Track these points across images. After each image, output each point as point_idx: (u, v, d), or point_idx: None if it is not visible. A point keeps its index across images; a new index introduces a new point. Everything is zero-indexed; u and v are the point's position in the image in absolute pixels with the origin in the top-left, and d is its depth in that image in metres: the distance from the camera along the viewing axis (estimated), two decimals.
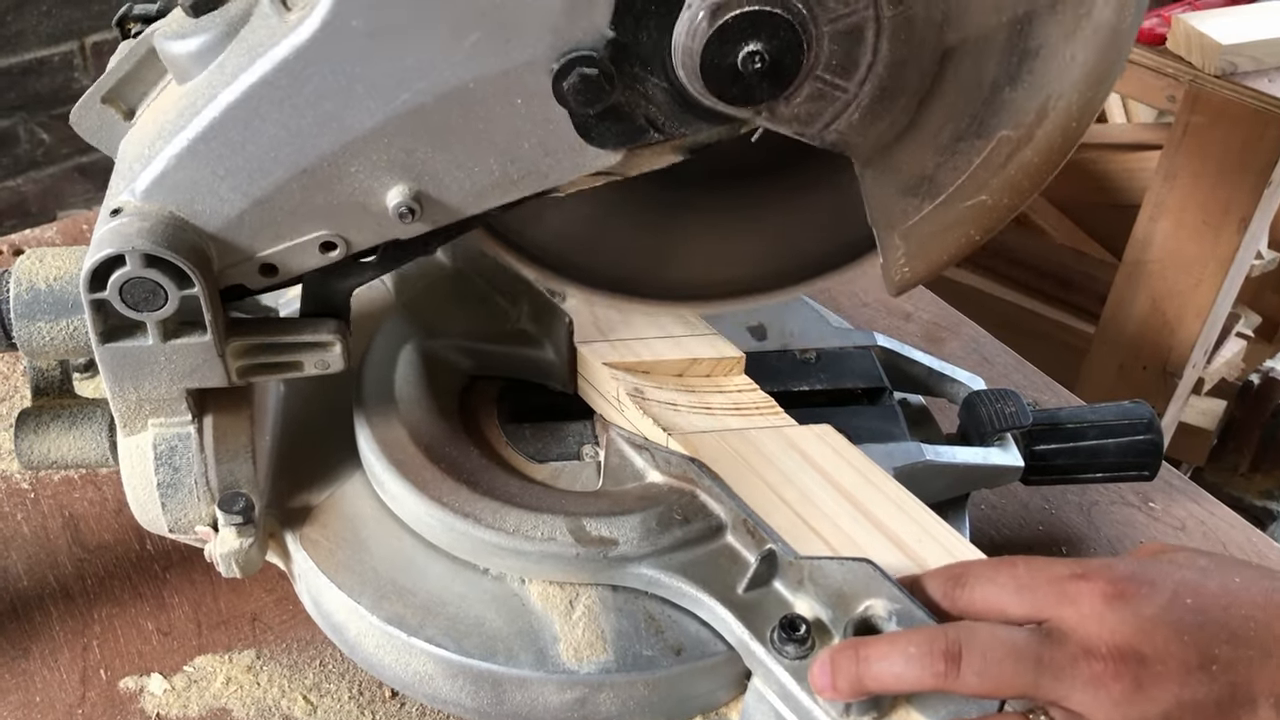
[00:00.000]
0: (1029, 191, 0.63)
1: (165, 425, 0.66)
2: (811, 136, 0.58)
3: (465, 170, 0.59)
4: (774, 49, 0.54)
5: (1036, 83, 0.58)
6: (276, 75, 0.56)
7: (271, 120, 0.57)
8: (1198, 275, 1.65)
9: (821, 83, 0.56)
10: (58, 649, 0.75)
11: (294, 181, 0.59)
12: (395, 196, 0.59)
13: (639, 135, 0.59)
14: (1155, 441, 0.82)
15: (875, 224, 0.63)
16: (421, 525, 0.69)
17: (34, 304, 0.64)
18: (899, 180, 0.62)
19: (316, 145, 0.57)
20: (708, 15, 0.53)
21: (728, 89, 0.55)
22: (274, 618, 0.78)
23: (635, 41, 0.55)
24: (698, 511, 0.68)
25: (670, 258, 0.77)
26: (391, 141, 0.58)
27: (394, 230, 0.61)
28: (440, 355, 0.78)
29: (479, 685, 0.65)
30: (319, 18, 0.54)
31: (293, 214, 0.60)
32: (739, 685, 0.66)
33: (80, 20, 2.10)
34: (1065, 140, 0.61)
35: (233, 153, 0.58)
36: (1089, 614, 0.54)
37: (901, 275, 0.65)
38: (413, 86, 0.56)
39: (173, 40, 0.62)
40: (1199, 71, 1.54)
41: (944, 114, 0.59)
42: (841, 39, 0.55)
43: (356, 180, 0.59)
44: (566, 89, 0.55)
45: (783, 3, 0.53)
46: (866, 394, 0.84)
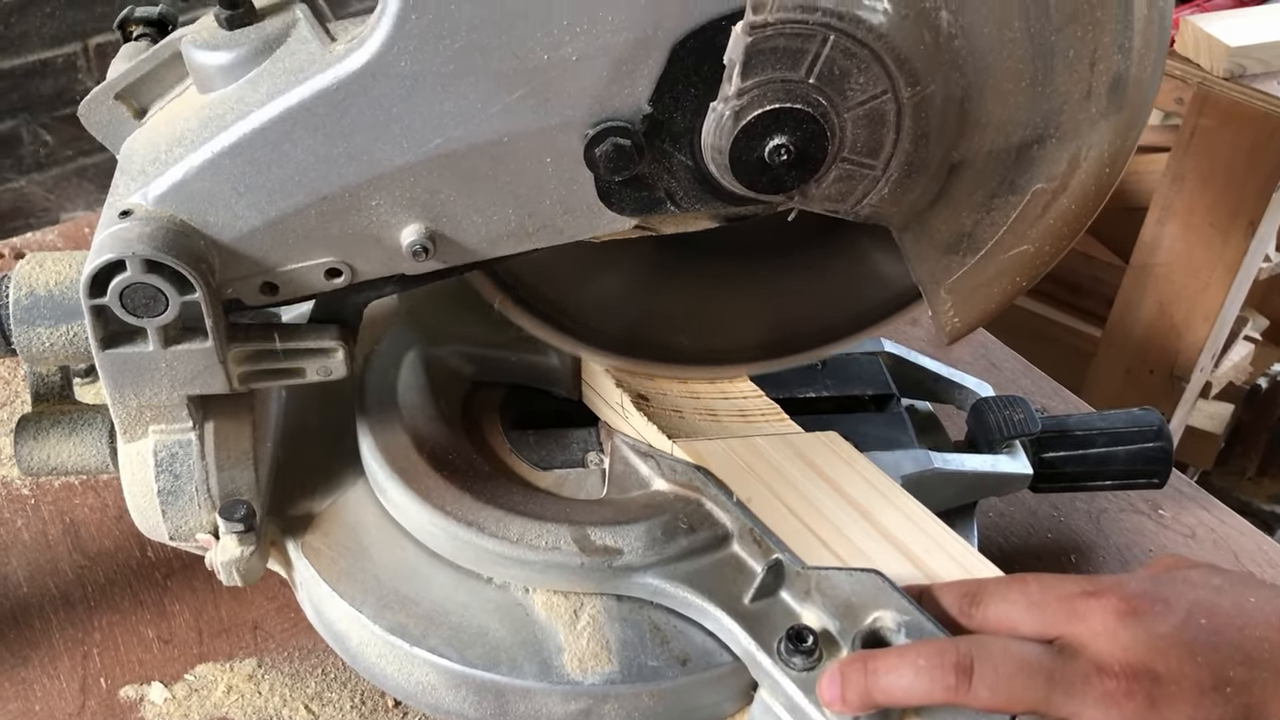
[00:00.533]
0: (1070, 237, 0.63)
1: (166, 432, 0.66)
2: (845, 213, 0.59)
3: (484, 216, 0.60)
4: (799, 141, 0.55)
5: (1064, 139, 0.58)
6: (315, 102, 0.56)
7: (302, 145, 0.57)
8: (1205, 279, 1.65)
9: (849, 164, 0.57)
10: (57, 657, 0.74)
11: (313, 207, 0.59)
12: (410, 234, 0.60)
13: (656, 206, 0.60)
14: (1165, 449, 0.81)
15: (920, 282, 0.64)
16: (424, 534, 0.68)
17: (34, 309, 0.63)
18: (938, 240, 0.62)
19: (343, 176, 0.58)
20: (732, 116, 0.54)
21: (758, 180, 0.57)
22: (276, 626, 0.77)
23: (669, 120, 0.57)
24: (703, 520, 0.67)
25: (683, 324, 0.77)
26: (417, 181, 0.58)
27: (402, 265, 0.62)
28: (443, 361, 0.77)
29: (482, 696, 0.64)
30: (368, 54, 0.54)
31: (305, 238, 0.60)
32: (745, 696, 0.65)
33: (84, 22, 2.10)
34: (1100, 187, 0.61)
35: (257, 171, 0.58)
36: (1101, 631, 0.53)
37: (953, 326, 0.66)
38: (448, 133, 0.56)
39: (203, 49, 0.61)
40: (1207, 74, 1.53)
41: (975, 178, 0.60)
42: (864, 124, 0.55)
43: (375, 214, 0.59)
44: (598, 155, 0.57)
45: (803, 97, 0.54)
46: (874, 401, 0.83)
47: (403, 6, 0.53)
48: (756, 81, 0.54)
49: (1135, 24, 0.56)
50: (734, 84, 0.54)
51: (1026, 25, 0.55)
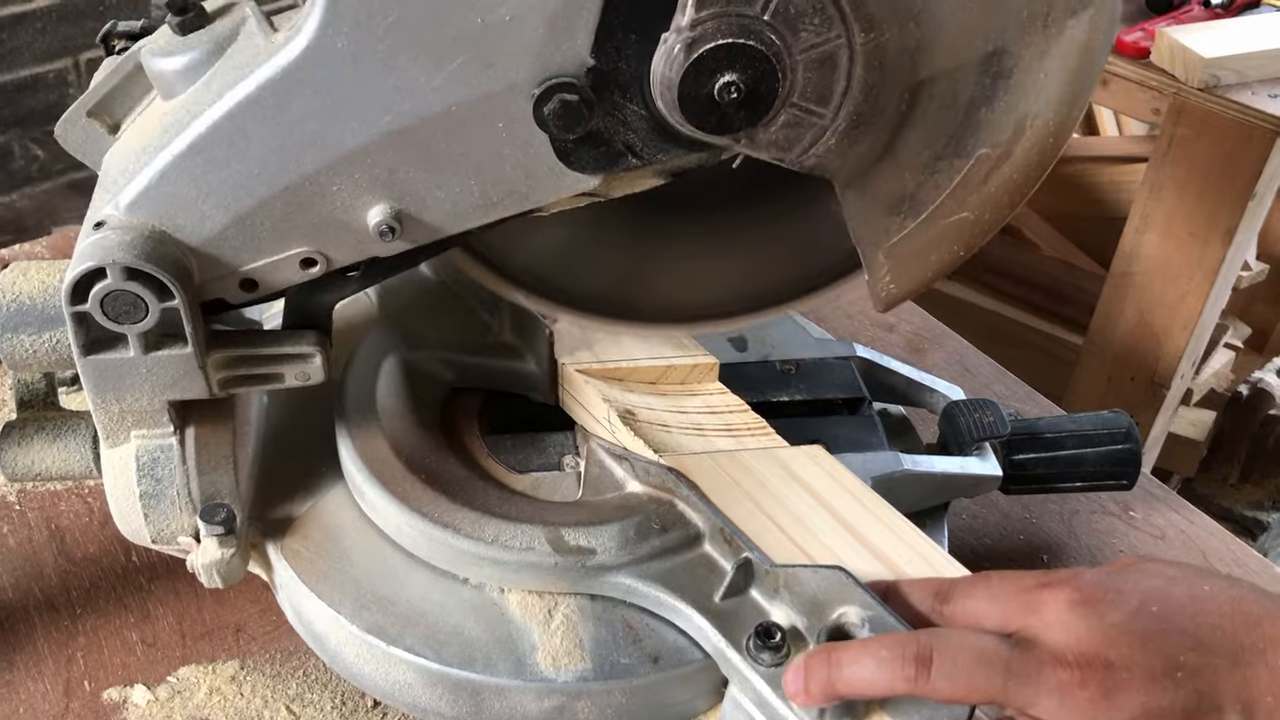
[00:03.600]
0: (1010, 207, 0.63)
1: (147, 437, 0.67)
2: (790, 162, 0.59)
3: (446, 191, 0.60)
4: (749, 79, 0.55)
5: (1012, 102, 0.59)
6: (262, 94, 0.57)
7: (256, 139, 0.58)
8: (1184, 286, 1.66)
9: (798, 110, 0.57)
10: (42, 660, 0.75)
11: (276, 199, 0.59)
12: (376, 215, 0.60)
13: (618, 160, 0.60)
14: (1134, 451, 0.83)
15: (859, 242, 0.64)
16: (402, 535, 0.69)
17: (17, 317, 0.64)
18: (881, 200, 0.62)
19: (300, 164, 0.58)
20: (684, 48, 0.54)
21: (705, 118, 0.56)
22: (258, 628, 0.78)
23: (615, 69, 0.57)
24: (676, 521, 0.68)
25: (650, 281, 0.78)
26: (374, 162, 0.58)
27: (374, 248, 0.62)
28: (422, 367, 0.78)
29: (458, 694, 0.65)
30: (305, 39, 0.55)
31: (274, 231, 0.61)
32: (716, 693, 0.66)
33: (74, 37, 2.12)
34: (1044, 156, 0.62)
35: (217, 169, 0.58)
36: (1054, 621, 0.55)
37: (888, 292, 0.66)
38: (396, 109, 0.57)
39: (159, 57, 0.63)
40: (1183, 84, 1.56)
41: (921, 136, 0.60)
42: (815, 68, 0.56)
43: (338, 199, 0.60)
44: (547, 114, 0.56)
45: (757, 35, 0.54)
46: (846, 404, 0.84)
47: None
48: (711, 13, 0.53)
49: None
50: (687, 14, 0.53)
51: None
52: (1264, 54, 1.56)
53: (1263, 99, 1.53)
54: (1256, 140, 1.52)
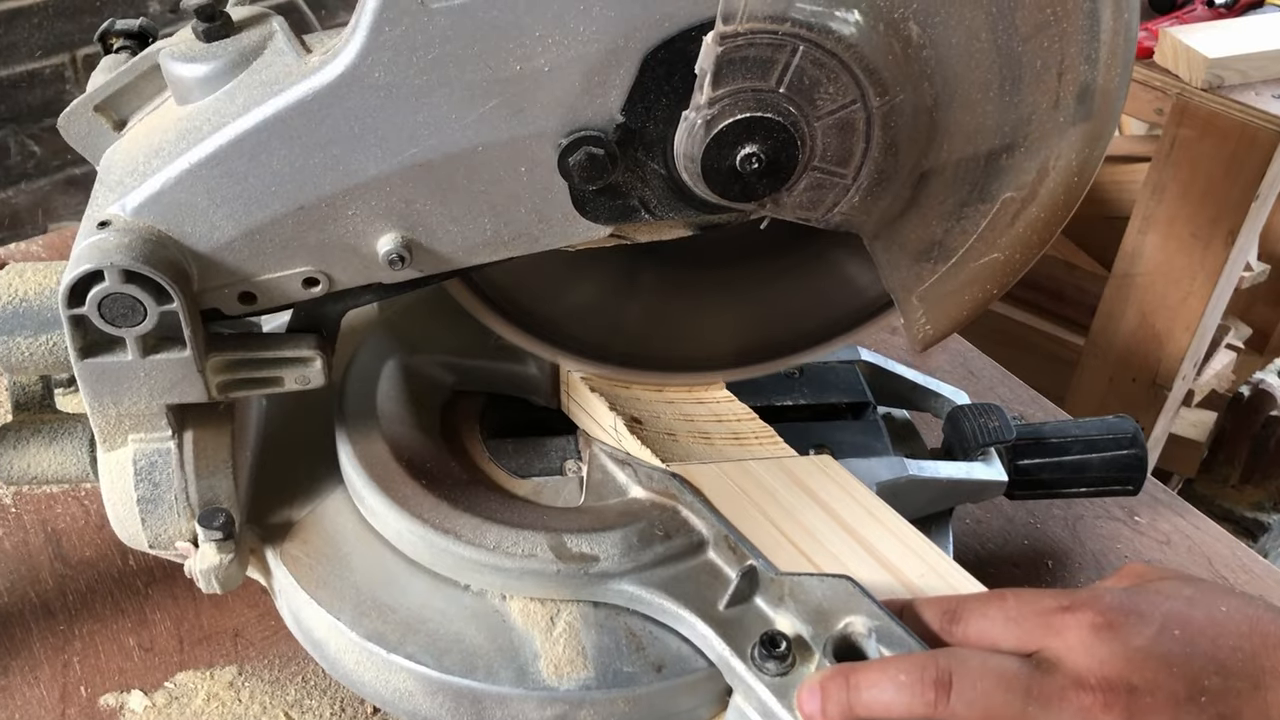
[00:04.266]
0: (1040, 245, 0.64)
1: (145, 440, 0.66)
2: (817, 221, 0.60)
3: (460, 226, 0.60)
4: (770, 149, 0.56)
5: (1033, 148, 0.59)
6: (290, 114, 0.56)
7: (278, 156, 0.57)
8: (1186, 288, 1.66)
9: (820, 173, 0.58)
10: (38, 665, 0.75)
11: (290, 217, 0.59)
12: (387, 243, 0.60)
13: (631, 214, 0.61)
14: (1140, 456, 0.82)
15: (892, 290, 0.64)
16: (402, 541, 0.69)
17: (13, 319, 0.63)
18: (909, 249, 0.63)
19: (318, 186, 0.58)
20: (704, 124, 0.55)
21: (729, 188, 0.57)
22: (256, 633, 0.77)
23: (642, 129, 0.57)
24: (679, 527, 0.68)
25: (662, 332, 0.78)
26: (393, 191, 0.59)
27: (379, 274, 0.62)
28: (422, 371, 0.78)
29: (459, 702, 0.65)
30: (342, 65, 0.55)
31: (283, 248, 0.60)
32: (720, 702, 0.66)
33: (71, 33, 2.11)
34: (1069, 195, 0.62)
35: (233, 182, 0.58)
36: (1076, 645, 0.54)
37: (924, 333, 0.66)
38: (423, 143, 0.57)
39: (181, 62, 0.62)
40: (1186, 85, 1.55)
41: (945, 186, 0.60)
42: (834, 133, 0.56)
43: (352, 223, 0.60)
44: (572, 164, 0.57)
45: (774, 107, 0.55)
46: (850, 408, 0.84)
47: (376, 19, 0.54)
48: (727, 91, 0.54)
49: (1102, 35, 0.57)
50: (705, 93, 0.54)
51: (994, 36, 0.55)
52: (1268, 54, 1.55)
53: (1266, 99, 1.52)
54: (1260, 141, 1.52)
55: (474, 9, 0.53)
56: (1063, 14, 0.55)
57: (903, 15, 0.54)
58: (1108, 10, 0.56)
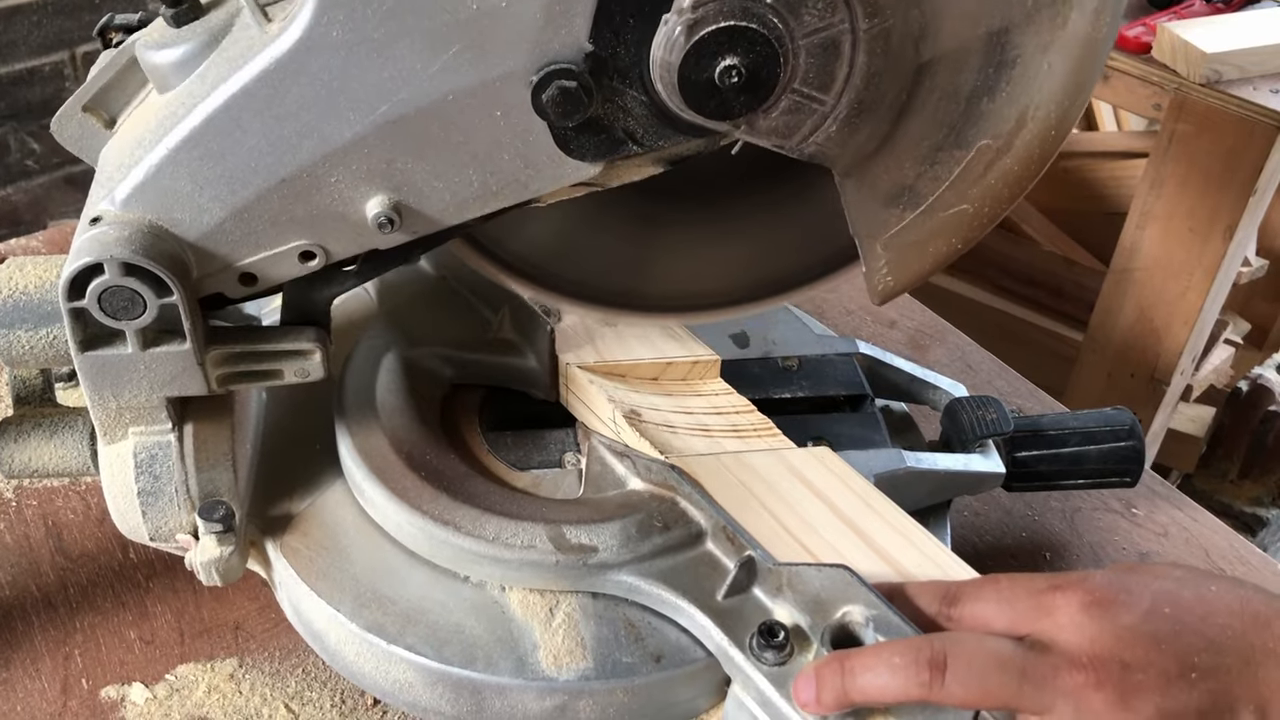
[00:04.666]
0: (1009, 200, 0.63)
1: (145, 433, 0.66)
2: (790, 149, 0.59)
3: (445, 181, 0.59)
4: (750, 63, 0.54)
5: (1014, 93, 0.59)
6: (257, 86, 0.56)
7: (252, 130, 0.57)
8: (1185, 282, 1.66)
9: (799, 96, 0.57)
10: (39, 658, 0.75)
11: (274, 191, 0.59)
12: (375, 207, 0.59)
13: (618, 147, 0.59)
14: (1137, 448, 0.82)
15: (857, 234, 0.63)
16: (402, 533, 0.69)
17: (14, 312, 0.64)
18: (880, 190, 0.62)
19: (297, 156, 0.58)
20: (684, 31, 0.53)
21: (706, 103, 0.56)
22: (257, 626, 0.78)
23: (613, 55, 0.56)
24: (678, 518, 0.68)
25: (651, 271, 0.77)
26: (371, 152, 0.58)
27: (373, 240, 0.61)
28: (422, 363, 0.78)
29: (459, 693, 0.65)
30: (299, 28, 0.54)
31: (272, 224, 0.60)
32: (719, 692, 0.66)
33: (71, 30, 2.11)
34: (1044, 149, 0.61)
35: (213, 162, 0.58)
36: (1067, 624, 0.54)
37: (885, 284, 0.65)
38: (392, 98, 0.56)
39: (154, 50, 0.62)
40: (1184, 80, 1.55)
41: (922, 125, 0.60)
42: (818, 53, 0.55)
43: (336, 190, 0.59)
44: (545, 101, 0.56)
45: (758, 17, 0.53)
46: (848, 401, 0.84)
47: None
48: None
49: None
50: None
51: None
52: (1265, 49, 1.55)
53: (1264, 94, 1.52)
54: (1257, 136, 1.52)
55: None
56: None
57: None
58: None
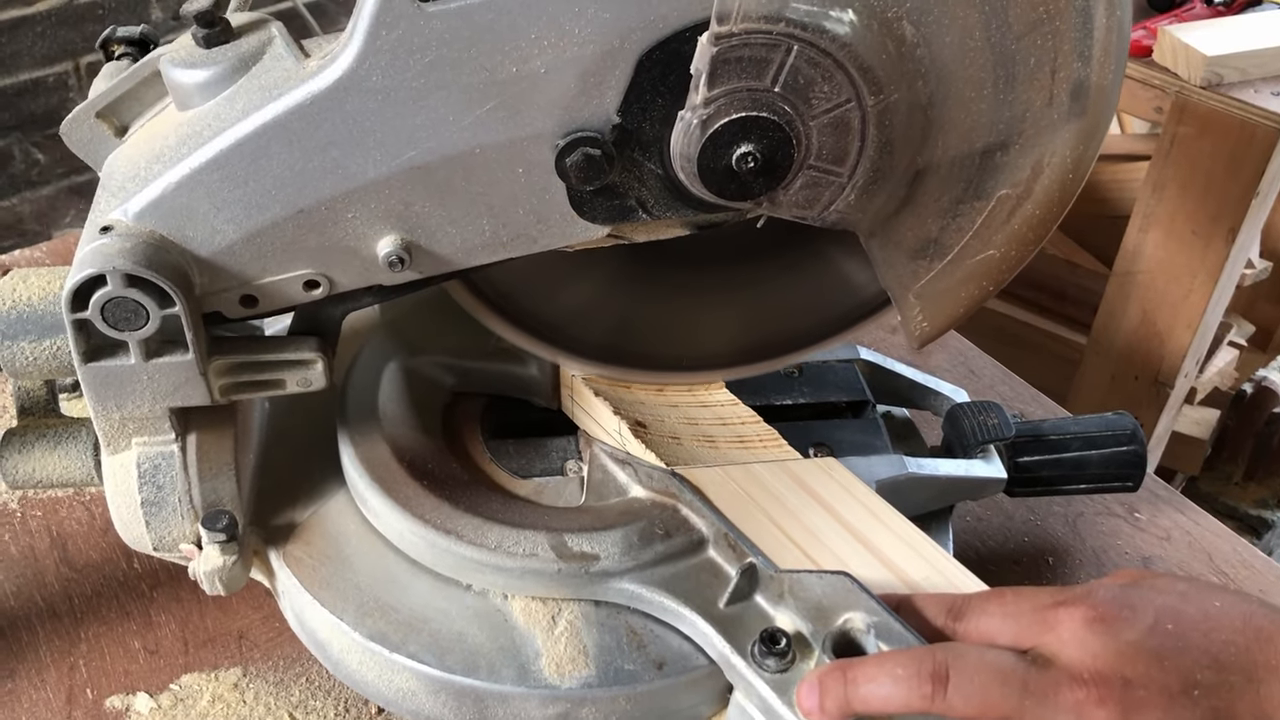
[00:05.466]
0: (1035, 241, 0.64)
1: (148, 444, 0.67)
2: (813, 219, 0.60)
3: (458, 228, 0.61)
4: (765, 149, 0.56)
5: (1027, 145, 0.60)
6: (290, 118, 0.57)
7: (278, 160, 0.58)
8: (1187, 285, 1.66)
9: (816, 171, 0.58)
10: (44, 668, 0.75)
11: (290, 221, 0.60)
12: (386, 245, 0.61)
13: (628, 214, 0.61)
14: (1139, 452, 0.82)
15: (889, 287, 0.65)
16: (404, 542, 0.69)
17: (17, 324, 0.64)
18: (905, 246, 0.63)
19: (319, 189, 0.59)
20: (699, 124, 0.56)
21: (726, 187, 0.58)
22: (260, 635, 0.78)
23: (638, 129, 0.58)
24: (679, 526, 0.68)
25: (662, 332, 0.78)
26: (392, 194, 0.59)
27: (379, 276, 0.63)
28: (423, 372, 0.78)
29: (462, 701, 0.65)
30: (340, 69, 0.56)
31: (283, 251, 0.61)
32: (721, 700, 0.66)
33: (74, 41, 2.12)
34: (1064, 191, 0.62)
35: (235, 186, 0.59)
36: (1070, 639, 0.54)
37: (921, 330, 0.67)
38: (421, 145, 0.58)
39: (180, 68, 0.62)
40: (1185, 83, 1.55)
41: (940, 183, 0.61)
42: (829, 131, 0.57)
43: (351, 226, 0.60)
44: (569, 165, 0.58)
45: (769, 106, 0.55)
46: (850, 407, 0.84)
47: (374, 23, 0.54)
48: (723, 90, 0.55)
49: (1095, 32, 0.57)
50: (700, 93, 0.55)
51: (988, 34, 0.56)
52: (1266, 52, 1.55)
53: (1265, 97, 1.52)
54: (1259, 138, 1.52)
55: (470, 12, 0.54)
56: (1055, 11, 0.56)
57: (896, 14, 0.54)
58: (1101, 7, 0.56)
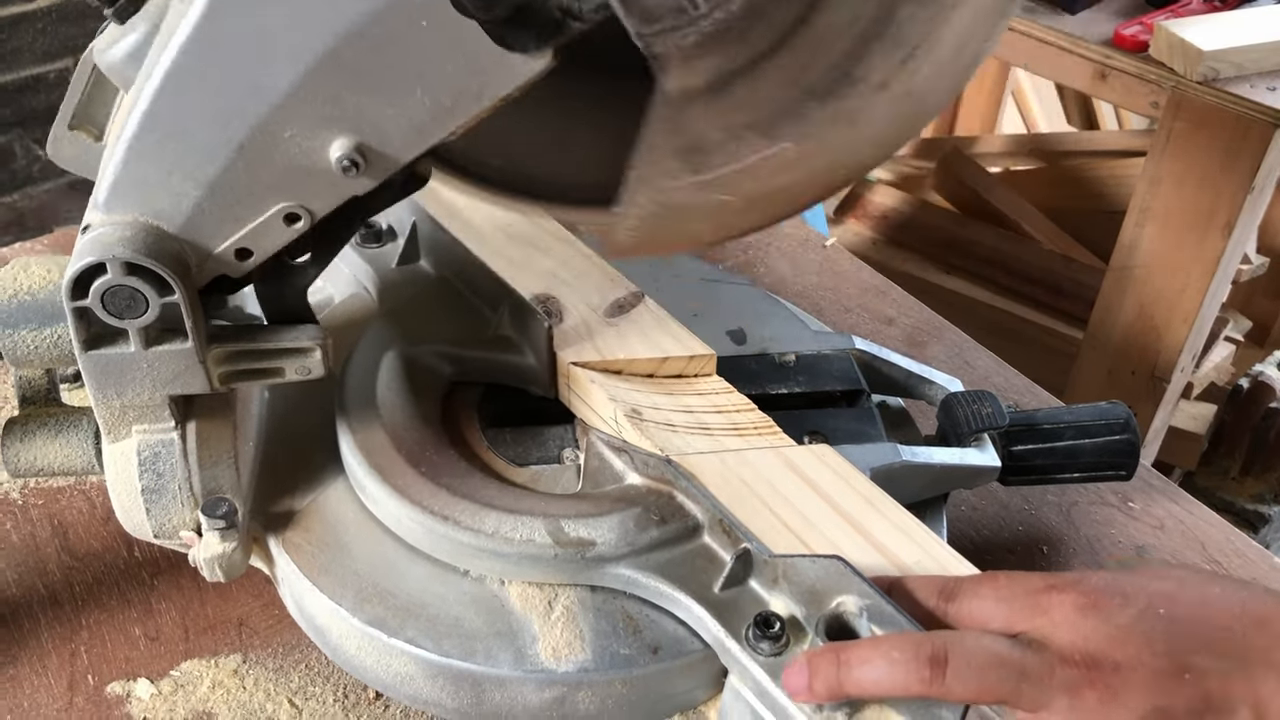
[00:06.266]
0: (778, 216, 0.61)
1: (149, 431, 0.67)
2: (645, 36, 0.55)
3: (397, 108, 0.58)
4: None
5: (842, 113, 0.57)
6: (185, 57, 0.56)
7: (194, 103, 0.57)
8: (1184, 280, 1.66)
9: None
10: (45, 655, 0.76)
11: (237, 160, 0.58)
12: (337, 151, 0.59)
13: (559, 29, 0.56)
14: (1131, 441, 0.83)
15: (634, 169, 0.60)
16: (402, 528, 0.70)
17: (18, 312, 0.65)
18: (681, 135, 0.59)
19: (245, 118, 0.57)
20: None
21: None
22: (260, 622, 0.79)
23: None
24: (675, 512, 0.69)
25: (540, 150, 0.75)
26: (314, 96, 0.57)
27: (346, 188, 0.60)
28: (422, 361, 0.79)
29: (459, 685, 0.66)
30: None
31: (247, 192, 0.60)
32: (716, 684, 0.67)
33: (75, 37, 2.12)
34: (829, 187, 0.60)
35: (172, 143, 0.58)
36: (1062, 622, 0.55)
37: (625, 235, 0.62)
38: (315, 33, 0.55)
39: (105, 52, 0.62)
40: (1181, 78, 1.56)
41: (754, 95, 0.57)
42: None
43: (294, 144, 0.58)
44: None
45: None
46: (845, 396, 0.85)
47: None
48: None
49: None
50: None
51: None
52: (1262, 47, 1.56)
53: (1261, 92, 1.53)
54: (1255, 133, 1.52)
55: None
56: None
57: None
58: None
